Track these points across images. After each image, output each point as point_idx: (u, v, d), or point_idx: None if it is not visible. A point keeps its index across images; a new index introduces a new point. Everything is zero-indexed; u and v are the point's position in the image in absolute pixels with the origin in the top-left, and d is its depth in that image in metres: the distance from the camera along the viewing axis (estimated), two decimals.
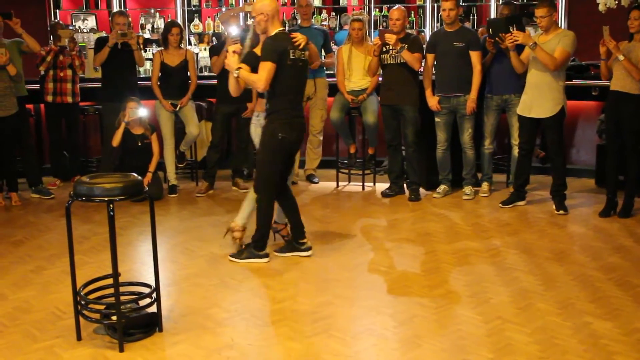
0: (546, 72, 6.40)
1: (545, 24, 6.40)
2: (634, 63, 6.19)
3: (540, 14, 6.39)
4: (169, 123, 7.57)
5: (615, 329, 4.13)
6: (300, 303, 4.57)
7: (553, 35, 6.40)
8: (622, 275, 5.04)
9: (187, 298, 4.69)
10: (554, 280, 4.93)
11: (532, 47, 6.20)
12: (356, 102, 7.47)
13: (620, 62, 6.23)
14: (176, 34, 7.51)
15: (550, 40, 6.34)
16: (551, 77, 6.43)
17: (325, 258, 5.51)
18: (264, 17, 5.15)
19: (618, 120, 6.46)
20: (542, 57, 6.29)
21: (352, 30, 7.49)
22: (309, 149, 8.11)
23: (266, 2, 5.15)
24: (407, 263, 5.37)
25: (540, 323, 4.23)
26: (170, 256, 5.61)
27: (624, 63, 6.19)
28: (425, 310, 4.43)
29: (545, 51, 6.28)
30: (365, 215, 6.78)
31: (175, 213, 6.95)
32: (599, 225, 6.33)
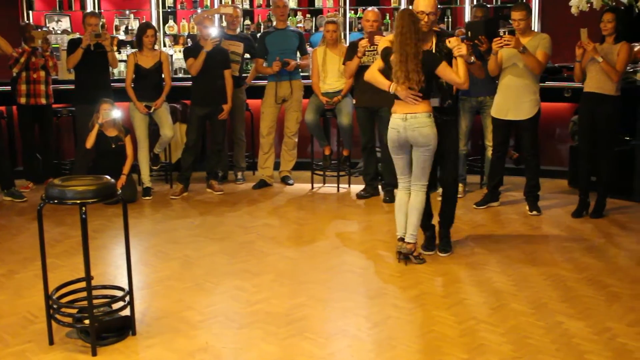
0: (524, 74, 6.44)
1: (522, 26, 6.44)
2: (611, 65, 6.26)
3: (518, 17, 6.44)
4: (143, 125, 7.52)
5: (587, 329, 4.17)
6: (275, 305, 4.57)
7: (530, 38, 6.44)
8: (594, 275, 5.09)
9: (160, 301, 4.67)
10: (527, 281, 4.97)
11: (522, 51, 6.20)
12: (331, 103, 7.47)
13: (596, 63, 6.30)
14: (151, 36, 7.47)
15: (528, 42, 6.37)
16: (528, 80, 6.47)
17: (299, 260, 5.51)
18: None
19: (592, 122, 6.52)
20: (529, 61, 6.31)
21: (327, 33, 7.49)
22: (284, 150, 8.10)
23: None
24: (381, 264, 5.38)
25: (514, 323, 4.26)
26: (144, 259, 5.57)
27: (602, 65, 6.25)
28: (400, 312, 4.44)
29: (533, 55, 6.31)
30: (340, 217, 6.78)
31: (149, 216, 6.91)
32: (571, 225, 6.39)
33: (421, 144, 5.09)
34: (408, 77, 4.98)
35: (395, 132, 5.16)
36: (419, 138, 5.07)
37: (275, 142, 8.07)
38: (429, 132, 5.07)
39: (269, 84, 7.90)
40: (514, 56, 6.35)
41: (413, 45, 4.96)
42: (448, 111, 5.37)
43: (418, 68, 4.97)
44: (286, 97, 7.86)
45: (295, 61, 7.79)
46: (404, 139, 5.13)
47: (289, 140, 8.06)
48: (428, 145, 5.09)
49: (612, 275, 5.08)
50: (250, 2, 9.84)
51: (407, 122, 5.09)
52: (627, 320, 4.29)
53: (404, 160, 5.26)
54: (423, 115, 5.07)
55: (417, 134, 5.07)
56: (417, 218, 5.24)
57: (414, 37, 4.96)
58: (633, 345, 3.95)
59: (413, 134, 5.08)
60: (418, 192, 5.24)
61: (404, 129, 5.10)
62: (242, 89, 8.11)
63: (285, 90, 7.83)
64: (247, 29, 9.62)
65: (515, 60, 6.39)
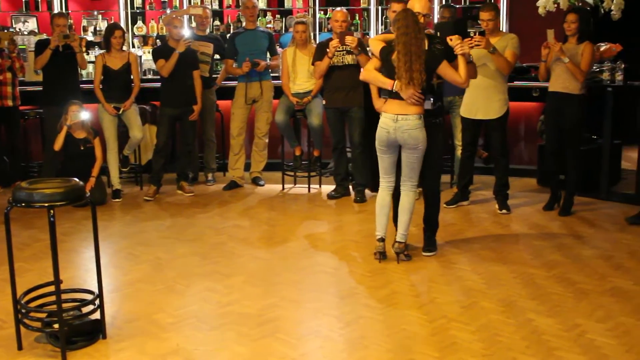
0: (493, 75, 6.49)
1: (491, 26, 6.50)
2: (576, 65, 6.34)
3: (487, 17, 6.48)
4: (112, 127, 7.46)
5: (556, 325, 4.21)
6: (246, 306, 4.55)
7: (498, 38, 6.49)
8: (563, 272, 5.14)
9: (131, 304, 4.63)
10: (497, 279, 5.01)
11: (492, 52, 6.25)
12: (301, 104, 7.47)
13: (561, 63, 6.38)
14: (119, 37, 7.41)
15: (497, 43, 6.42)
16: (497, 80, 6.52)
17: (271, 261, 5.50)
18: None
19: (558, 121, 6.60)
20: (499, 62, 6.36)
21: (296, 33, 7.49)
22: (255, 151, 8.08)
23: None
24: (352, 264, 5.38)
25: (484, 321, 4.29)
26: (114, 262, 5.53)
27: (568, 65, 6.33)
28: (371, 311, 4.45)
29: (502, 56, 6.36)
30: (311, 218, 6.78)
31: (119, 218, 6.86)
32: (540, 223, 6.45)
33: (410, 145, 5.10)
34: (412, 77, 4.97)
35: (385, 132, 5.15)
36: (409, 140, 5.08)
37: (245, 143, 8.05)
38: (418, 134, 5.07)
39: (239, 84, 7.87)
40: (483, 56, 6.39)
41: (418, 46, 4.97)
42: (436, 113, 5.37)
43: (422, 68, 4.97)
44: (256, 98, 7.85)
45: (265, 62, 7.77)
46: (393, 140, 5.13)
47: (260, 141, 8.04)
48: (417, 147, 5.10)
49: (580, 273, 5.13)
50: (219, 2, 9.82)
51: (397, 124, 5.08)
52: (595, 317, 4.34)
53: (389, 160, 5.27)
54: (414, 117, 5.06)
55: (406, 136, 5.07)
56: (409, 217, 5.28)
57: (418, 36, 4.97)
58: (601, 341, 3.99)
59: (403, 136, 5.08)
60: (408, 192, 5.27)
61: (394, 130, 5.09)
62: (212, 90, 8.07)
63: (255, 91, 7.82)
64: (216, 29, 9.58)
65: (485, 60, 6.43)
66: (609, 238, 6.01)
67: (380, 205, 5.36)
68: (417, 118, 5.07)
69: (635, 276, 5.07)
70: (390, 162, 5.28)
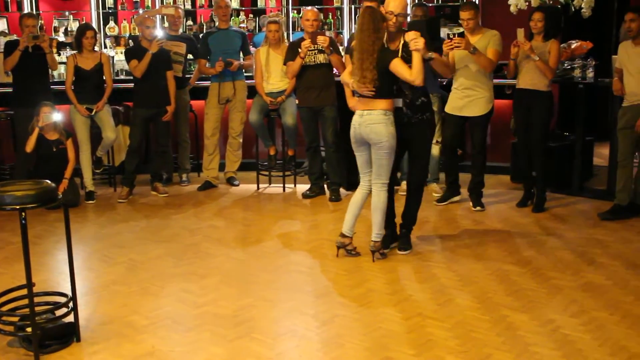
0: (475, 75, 6.52)
1: (471, 25, 6.51)
2: (545, 62, 6.40)
3: (467, 16, 6.50)
4: (84, 128, 7.40)
5: (531, 321, 4.24)
6: (222, 307, 4.53)
7: (479, 36, 6.50)
8: (537, 268, 5.18)
9: (105, 306, 4.59)
10: (472, 276, 5.03)
11: (473, 52, 6.25)
12: (275, 103, 7.45)
13: (529, 61, 6.44)
14: (90, 37, 7.34)
15: (478, 40, 6.43)
16: (481, 79, 6.55)
17: (246, 260, 5.49)
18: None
19: (527, 117, 6.66)
20: (481, 61, 6.37)
21: (269, 33, 7.47)
22: (229, 151, 8.05)
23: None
24: (327, 263, 5.38)
25: (460, 318, 4.31)
26: (88, 264, 5.48)
27: (537, 64, 6.39)
28: (347, 310, 4.45)
29: (484, 55, 6.38)
30: (286, 217, 6.77)
31: (92, 220, 6.80)
32: (514, 220, 6.49)
33: (374, 141, 5.11)
34: (364, 75, 5.02)
35: (353, 129, 5.23)
36: (371, 135, 5.10)
37: (219, 143, 8.02)
38: (381, 129, 5.07)
39: (212, 84, 7.84)
40: (465, 57, 6.41)
41: (370, 43, 4.98)
42: (423, 109, 5.35)
43: (372, 66, 4.99)
44: (230, 98, 7.82)
45: (238, 61, 7.75)
46: (359, 135, 5.18)
47: (234, 140, 8.01)
48: (380, 143, 5.09)
49: (553, 268, 5.18)
50: (192, 2, 9.76)
51: (362, 119, 5.13)
52: (569, 312, 4.37)
53: (363, 157, 5.31)
54: (378, 113, 5.07)
55: (369, 131, 5.10)
56: (381, 217, 5.27)
57: (372, 35, 4.99)
58: (576, 336, 4.03)
59: (366, 131, 5.12)
60: (378, 191, 5.26)
61: (359, 125, 5.16)
62: (186, 90, 8.03)
63: (229, 91, 7.79)
64: (189, 29, 9.54)
65: (467, 61, 6.45)
66: (581, 234, 6.06)
67: (351, 203, 5.43)
68: (382, 114, 5.08)
69: (608, 271, 5.12)
70: (364, 160, 5.30)
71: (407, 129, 5.31)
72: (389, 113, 5.11)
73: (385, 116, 5.09)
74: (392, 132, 5.09)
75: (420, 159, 5.48)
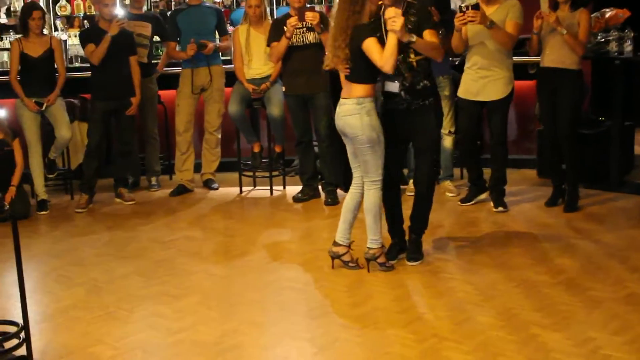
0: (492, 53, 6.52)
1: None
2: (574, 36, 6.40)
3: None
4: (33, 126, 7.39)
5: (565, 340, 4.23)
6: (202, 333, 4.53)
7: (496, 7, 6.49)
8: (571, 278, 5.18)
9: (64, 335, 4.58)
10: (495, 289, 5.03)
11: (489, 26, 6.25)
12: (258, 92, 7.46)
13: (556, 35, 6.45)
14: (38, 18, 7.34)
15: (495, 12, 6.43)
16: (498, 57, 6.55)
17: (229, 278, 5.49)
18: None
19: (554, 100, 6.67)
20: (498, 36, 6.38)
21: (249, 8, 7.46)
22: (206, 149, 8.06)
23: None
24: (325, 278, 5.39)
25: (481, 339, 4.30)
26: (42, 286, 5.48)
27: (566, 37, 6.39)
28: (349, 332, 4.44)
29: (502, 29, 6.37)
30: (274, 225, 6.79)
31: (46, 234, 6.81)
32: (543, 222, 6.50)
33: (350, 135, 5.18)
34: (336, 53, 5.10)
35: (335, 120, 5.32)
36: (346, 128, 5.18)
37: (194, 140, 8.03)
38: (354, 122, 5.11)
39: (184, 71, 7.84)
40: (480, 32, 6.41)
41: (344, 18, 5.04)
42: (424, 94, 5.33)
43: (344, 44, 5.04)
44: (205, 86, 7.82)
45: (213, 43, 7.76)
46: (339, 127, 5.29)
47: (211, 136, 8.02)
48: (356, 137, 5.13)
49: (591, 278, 5.18)
50: None
51: (339, 109, 5.23)
52: (610, 329, 4.37)
53: (350, 149, 5.37)
54: (351, 102, 5.12)
55: (342, 123, 5.19)
56: (373, 220, 5.28)
57: (348, 8, 5.03)
58: (619, 357, 4.02)
59: (340, 123, 5.22)
60: (368, 190, 5.28)
61: (336, 116, 5.26)
62: (153, 79, 8.04)
63: (204, 78, 7.79)
64: (155, 6, 9.55)
65: (482, 37, 6.45)
66: (623, 236, 6.08)
67: (343, 206, 5.49)
68: (355, 103, 5.12)
69: None
70: (351, 152, 5.37)
71: (407, 117, 5.35)
72: (364, 101, 5.11)
73: (358, 105, 5.10)
74: (368, 123, 5.09)
75: (425, 151, 5.45)
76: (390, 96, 5.32)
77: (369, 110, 5.10)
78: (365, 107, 5.09)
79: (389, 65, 4.99)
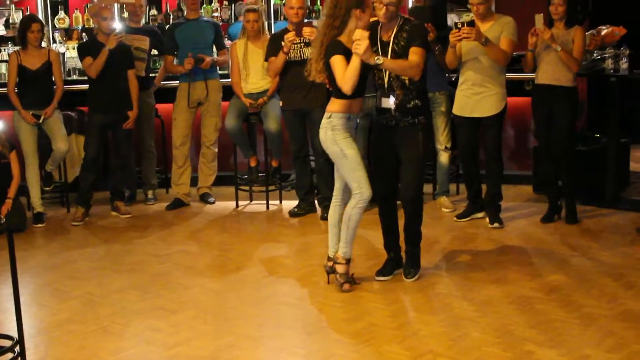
0: (486, 69, 6.55)
1: (482, 11, 6.54)
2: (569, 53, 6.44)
3: (477, 1, 6.53)
4: (30, 138, 7.39)
5: (560, 357, 4.23)
6: (197, 348, 4.52)
7: (491, 23, 6.54)
8: (566, 295, 5.19)
9: (59, 349, 4.56)
10: (490, 305, 5.03)
11: (484, 43, 6.29)
12: (255, 106, 7.47)
13: (550, 52, 6.51)
14: (36, 31, 7.36)
15: (490, 29, 6.47)
16: (494, 71, 6.59)
17: (224, 293, 5.48)
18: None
19: (550, 117, 6.72)
20: (493, 53, 6.42)
21: (247, 23, 7.49)
22: (202, 163, 8.06)
23: None
24: (321, 293, 5.38)
25: (477, 355, 4.30)
26: (38, 299, 5.46)
27: (560, 54, 6.44)
28: (344, 348, 4.43)
29: (497, 46, 6.42)
30: (270, 240, 6.79)
31: (42, 246, 6.80)
32: (538, 238, 6.51)
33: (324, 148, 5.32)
34: (314, 66, 5.20)
35: None
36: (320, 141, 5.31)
37: (191, 154, 8.03)
38: (322, 134, 5.24)
39: (181, 85, 7.86)
40: (474, 48, 6.44)
41: (323, 33, 5.11)
42: (414, 112, 5.29)
43: (319, 57, 5.13)
44: (202, 100, 7.83)
45: (211, 57, 7.77)
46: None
47: (208, 150, 8.02)
48: (327, 150, 5.26)
49: (586, 294, 5.18)
50: None
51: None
52: (605, 346, 4.37)
53: None
54: (325, 116, 5.24)
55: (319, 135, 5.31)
56: (346, 230, 5.27)
57: (328, 23, 5.08)
58: None
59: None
60: (350, 200, 5.28)
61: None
62: (150, 92, 8.05)
63: (201, 92, 7.80)
64: (153, 20, 9.55)
65: (477, 53, 6.48)
66: (618, 253, 6.08)
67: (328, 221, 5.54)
68: (326, 117, 5.22)
69: None
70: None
71: (395, 132, 5.36)
72: (334, 116, 5.17)
73: (326, 120, 5.20)
74: (332, 138, 5.16)
75: (409, 165, 5.37)
76: (381, 112, 5.35)
77: (335, 126, 5.14)
78: (332, 122, 5.16)
79: (347, 86, 5.00)
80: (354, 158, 5.13)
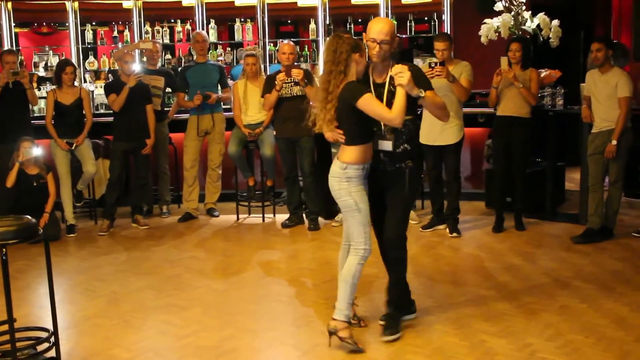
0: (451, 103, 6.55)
1: (446, 56, 6.59)
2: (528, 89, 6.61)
3: (442, 47, 6.58)
4: (64, 162, 7.36)
5: (508, 345, 4.25)
6: (204, 338, 4.50)
7: (452, 66, 6.61)
8: (513, 293, 5.19)
9: (87, 340, 4.54)
10: (450, 302, 5.03)
11: (452, 81, 6.38)
12: (253, 135, 7.47)
13: (511, 89, 6.66)
14: (70, 73, 7.34)
15: (452, 71, 6.49)
16: (454, 107, 6.60)
17: (227, 291, 5.46)
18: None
19: (507, 144, 6.77)
20: (459, 90, 6.52)
21: (246, 66, 7.51)
22: (209, 182, 8.04)
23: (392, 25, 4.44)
24: (308, 293, 5.36)
25: (438, 344, 4.30)
26: (69, 297, 5.43)
27: (522, 91, 6.58)
28: (327, 339, 4.39)
29: (461, 84, 6.51)
30: (266, 247, 6.76)
31: (74, 253, 6.75)
32: (490, 246, 6.52)
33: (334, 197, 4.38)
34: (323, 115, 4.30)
35: None
36: (331, 187, 4.38)
37: (199, 175, 8.00)
38: (334, 184, 4.32)
39: (191, 117, 7.85)
40: (443, 86, 6.45)
41: (328, 80, 4.22)
42: (402, 157, 4.41)
43: (327, 106, 4.23)
44: (208, 130, 7.83)
45: (216, 94, 7.77)
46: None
47: (213, 172, 8.00)
48: (338, 200, 4.33)
49: (529, 293, 5.19)
50: (170, 36, 9.77)
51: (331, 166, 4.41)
52: (545, 335, 4.39)
53: None
54: (337, 165, 4.30)
55: (329, 182, 4.38)
56: (343, 289, 4.29)
57: (332, 69, 4.19)
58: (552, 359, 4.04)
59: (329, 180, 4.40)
60: (350, 255, 4.33)
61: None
62: (165, 123, 8.03)
63: (207, 123, 7.80)
64: (168, 63, 9.53)
65: (445, 90, 6.49)
66: (555, 258, 6.10)
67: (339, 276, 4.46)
68: (339, 167, 4.28)
69: (583, 294, 5.14)
70: None
71: (383, 175, 4.47)
72: (349, 167, 4.25)
73: (341, 170, 4.27)
74: (347, 189, 4.26)
75: (394, 210, 4.46)
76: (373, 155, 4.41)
77: (350, 177, 4.24)
78: (347, 174, 4.24)
79: (400, 119, 4.15)
80: (365, 213, 4.26)
